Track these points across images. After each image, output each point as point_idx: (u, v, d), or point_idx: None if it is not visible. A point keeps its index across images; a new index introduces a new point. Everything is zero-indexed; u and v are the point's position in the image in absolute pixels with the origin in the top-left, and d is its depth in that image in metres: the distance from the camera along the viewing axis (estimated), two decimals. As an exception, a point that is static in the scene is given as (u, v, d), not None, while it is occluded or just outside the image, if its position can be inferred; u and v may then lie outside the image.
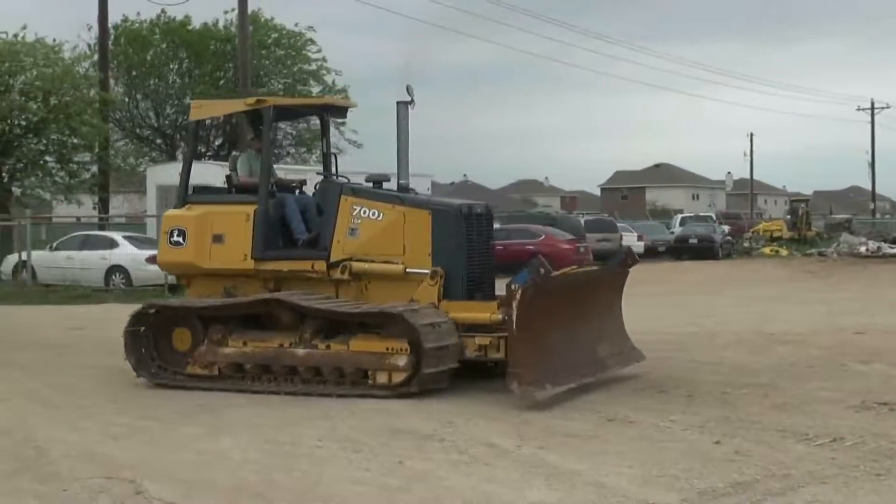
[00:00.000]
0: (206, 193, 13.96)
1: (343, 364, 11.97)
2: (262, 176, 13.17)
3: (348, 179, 13.55)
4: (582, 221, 45.41)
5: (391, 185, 13.27)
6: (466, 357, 12.02)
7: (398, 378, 11.73)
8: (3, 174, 34.11)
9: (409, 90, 12.88)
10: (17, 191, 35.31)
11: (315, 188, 13.84)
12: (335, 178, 13.75)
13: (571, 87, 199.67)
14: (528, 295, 11.13)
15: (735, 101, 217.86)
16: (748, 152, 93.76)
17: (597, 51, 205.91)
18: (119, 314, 14.21)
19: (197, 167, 14.35)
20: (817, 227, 60.41)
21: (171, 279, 28.25)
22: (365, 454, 9.05)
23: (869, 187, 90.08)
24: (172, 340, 12.91)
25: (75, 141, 34.98)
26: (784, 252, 51.41)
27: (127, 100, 47.01)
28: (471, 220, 12.82)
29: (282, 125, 42.37)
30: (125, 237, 30.89)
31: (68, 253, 30.14)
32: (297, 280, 12.87)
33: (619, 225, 48.31)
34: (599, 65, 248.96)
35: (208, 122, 47.83)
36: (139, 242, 30.65)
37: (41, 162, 35.16)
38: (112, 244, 30.23)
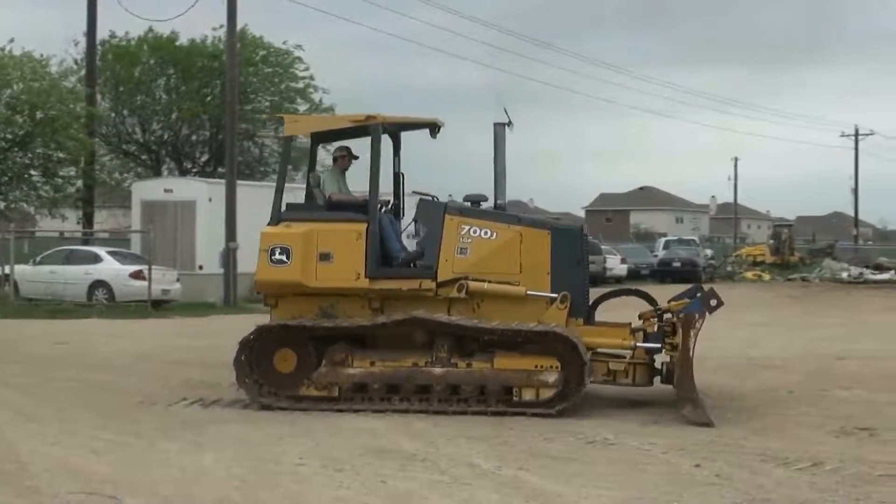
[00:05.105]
0: (301, 211, 13.20)
1: (487, 382, 11.92)
2: (372, 194, 12.68)
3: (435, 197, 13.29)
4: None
5: (487, 205, 13.08)
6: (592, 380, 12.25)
7: (546, 394, 11.81)
8: (-12, 187, 34.06)
9: (506, 111, 12.88)
10: (0, 204, 35.18)
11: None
12: (433, 197, 13.29)
13: (555, 110, 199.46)
14: (699, 324, 11.67)
15: (720, 126, 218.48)
16: (732, 176, 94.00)
17: (580, 72, 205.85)
18: (100, 329, 14.13)
19: (181, 182, 14.12)
20: (800, 253, 60.62)
21: (156, 294, 28.46)
22: (347, 473, 9.06)
23: (851, 213, 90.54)
24: (274, 362, 12.33)
25: (61, 155, 34.89)
26: (766, 277, 51.66)
27: (113, 115, 46.91)
28: (584, 240, 12.85)
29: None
30: (109, 252, 30.82)
31: (52, 267, 30.04)
32: (403, 299, 12.49)
33: (602, 247, 48.41)
34: (585, 88, 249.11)
35: (194, 138, 48.76)
36: (123, 258, 30.61)
37: (26, 175, 35.08)
38: (96, 259, 30.17)
